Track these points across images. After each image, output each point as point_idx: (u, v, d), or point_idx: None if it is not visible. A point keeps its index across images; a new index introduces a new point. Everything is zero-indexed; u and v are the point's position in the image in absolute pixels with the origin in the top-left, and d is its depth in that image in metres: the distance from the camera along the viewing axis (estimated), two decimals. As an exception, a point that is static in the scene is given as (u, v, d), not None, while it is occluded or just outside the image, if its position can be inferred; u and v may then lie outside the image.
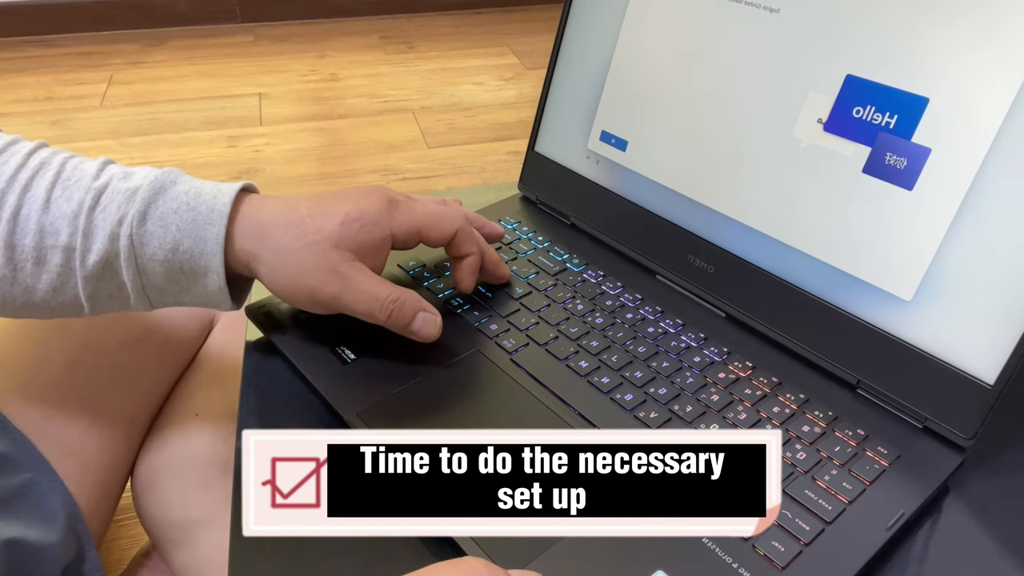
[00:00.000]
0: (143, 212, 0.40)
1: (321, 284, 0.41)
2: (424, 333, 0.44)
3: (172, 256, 0.40)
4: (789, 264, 0.46)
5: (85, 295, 0.41)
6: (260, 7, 2.48)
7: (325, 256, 0.41)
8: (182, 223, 0.40)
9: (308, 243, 0.41)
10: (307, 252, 0.41)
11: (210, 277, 0.41)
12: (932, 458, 0.39)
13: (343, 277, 0.41)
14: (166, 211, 0.40)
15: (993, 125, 0.37)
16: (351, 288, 0.42)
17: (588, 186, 0.56)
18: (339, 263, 0.41)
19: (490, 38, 2.47)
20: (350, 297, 0.42)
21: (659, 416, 0.41)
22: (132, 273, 0.40)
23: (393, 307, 0.42)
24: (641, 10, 0.52)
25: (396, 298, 0.43)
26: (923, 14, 0.39)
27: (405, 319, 0.43)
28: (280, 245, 0.41)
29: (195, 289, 0.42)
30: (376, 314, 0.42)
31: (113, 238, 0.39)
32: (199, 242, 0.40)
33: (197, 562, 0.56)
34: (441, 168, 1.79)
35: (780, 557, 0.34)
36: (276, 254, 0.41)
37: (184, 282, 0.41)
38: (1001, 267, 0.38)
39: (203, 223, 0.40)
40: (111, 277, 0.40)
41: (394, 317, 0.43)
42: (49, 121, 1.91)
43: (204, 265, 0.41)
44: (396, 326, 0.43)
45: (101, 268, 0.40)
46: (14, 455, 0.49)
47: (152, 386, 0.61)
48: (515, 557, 0.34)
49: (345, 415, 0.41)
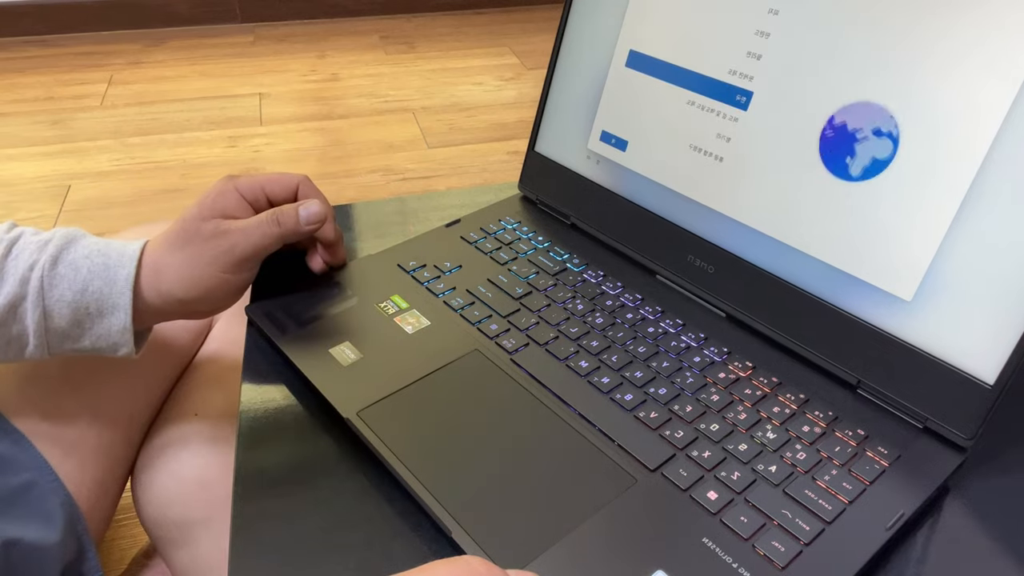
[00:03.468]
0: (55, 257, 0.43)
1: (213, 250, 0.45)
2: (314, 216, 0.47)
3: (80, 297, 0.43)
4: (789, 264, 0.46)
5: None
6: (260, 7, 2.48)
7: (200, 233, 0.45)
8: (93, 266, 0.44)
9: (187, 237, 0.45)
10: (190, 243, 0.45)
11: (116, 316, 0.44)
12: (932, 458, 0.39)
13: (223, 232, 0.45)
14: (77, 256, 0.44)
15: (993, 125, 0.37)
16: (235, 233, 0.45)
17: (588, 186, 0.56)
18: (214, 228, 0.45)
19: (490, 38, 2.47)
20: (239, 238, 0.45)
21: (659, 416, 0.41)
22: (38, 315, 0.43)
23: (276, 215, 0.46)
24: (641, 10, 0.52)
25: (273, 210, 0.47)
26: (923, 15, 0.39)
27: (291, 217, 0.47)
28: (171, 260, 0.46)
29: (98, 330, 0.45)
30: (267, 231, 0.46)
31: (23, 281, 0.43)
32: (109, 283, 0.44)
33: (197, 562, 0.56)
34: (441, 168, 1.79)
35: (780, 557, 0.34)
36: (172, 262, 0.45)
37: (88, 323, 0.44)
38: (1001, 267, 0.38)
39: (114, 266, 0.44)
40: (13, 323, 0.43)
41: (284, 224, 0.46)
42: (49, 121, 1.91)
43: (112, 304, 0.44)
44: (289, 226, 0.46)
45: (5, 312, 0.43)
46: (14, 455, 0.49)
47: (151, 386, 0.61)
48: (515, 557, 0.34)
49: (345, 414, 0.41)
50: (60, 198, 1.62)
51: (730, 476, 0.38)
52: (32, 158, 1.76)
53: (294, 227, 0.47)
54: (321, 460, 0.41)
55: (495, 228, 0.57)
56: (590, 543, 0.35)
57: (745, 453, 0.39)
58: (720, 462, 0.39)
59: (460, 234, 0.57)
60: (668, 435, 0.40)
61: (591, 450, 0.39)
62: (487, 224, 0.58)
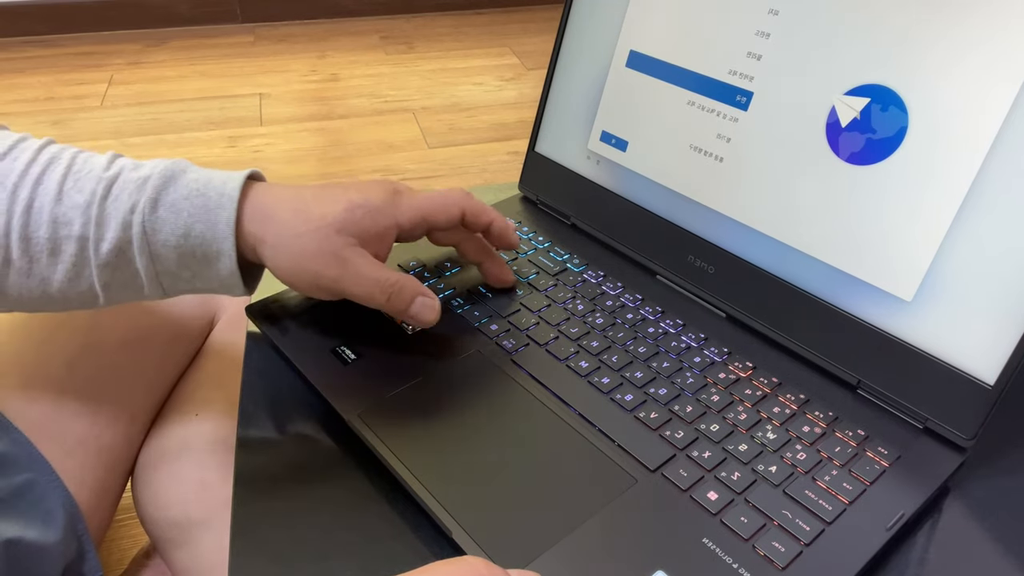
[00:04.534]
0: (154, 199, 0.40)
1: (323, 267, 0.42)
2: (422, 317, 0.44)
3: (184, 241, 0.41)
4: (789, 264, 0.46)
5: (100, 284, 0.41)
6: (260, 7, 2.49)
7: (328, 240, 0.42)
8: (193, 209, 0.41)
9: (312, 228, 0.42)
10: (310, 236, 0.42)
11: (222, 261, 0.42)
12: (932, 458, 0.39)
13: (344, 261, 0.42)
14: (177, 198, 0.41)
15: (993, 126, 0.37)
16: (351, 272, 0.42)
17: (588, 186, 0.56)
18: (341, 247, 0.42)
19: (490, 38, 2.47)
20: (350, 280, 0.42)
21: (659, 416, 0.41)
22: (145, 260, 0.41)
23: (392, 290, 0.43)
24: (641, 10, 0.52)
25: (395, 282, 0.43)
26: (922, 16, 0.39)
27: (403, 303, 0.44)
28: (285, 229, 0.42)
29: (207, 274, 0.42)
30: (375, 297, 0.43)
31: (126, 226, 0.40)
32: (210, 227, 0.41)
33: (197, 562, 0.56)
34: (442, 168, 1.79)
35: (780, 557, 0.34)
36: (281, 237, 0.42)
37: (196, 267, 0.42)
38: (1001, 267, 0.38)
39: (214, 208, 0.41)
40: (125, 265, 0.41)
41: (393, 300, 0.43)
42: (50, 121, 1.91)
43: (216, 249, 0.41)
44: (395, 310, 0.44)
45: (115, 256, 0.40)
46: (14, 455, 0.49)
47: (152, 386, 0.61)
48: (515, 557, 0.34)
49: (345, 415, 0.41)
50: (60, 198, 1.62)
51: (730, 476, 0.38)
52: (32, 158, 1.75)
53: (399, 311, 0.44)
54: (321, 461, 0.41)
55: (495, 228, 0.57)
56: (590, 543, 0.35)
57: (745, 453, 0.39)
58: (720, 462, 0.39)
59: (460, 234, 0.57)
60: (668, 435, 0.40)
61: (591, 450, 0.39)
62: (487, 224, 0.58)
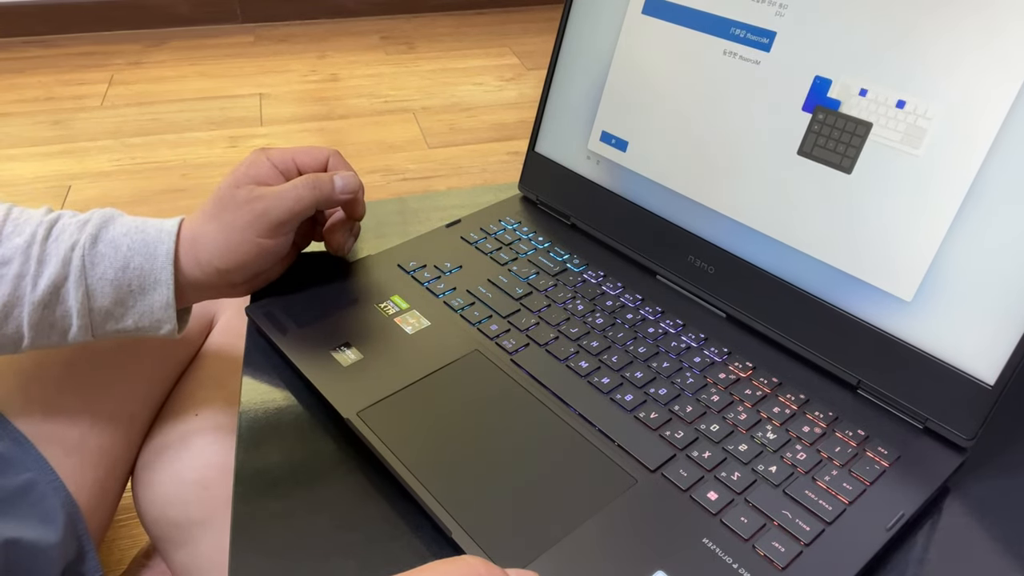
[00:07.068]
0: (95, 236, 0.44)
1: (247, 216, 0.45)
2: (350, 186, 0.47)
3: (122, 275, 0.44)
4: (789, 264, 0.46)
5: (28, 324, 0.43)
6: (260, 7, 2.48)
7: (235, 199, 0.45)
8: (132, 243, 0.44)
9: (222, 205, 0.46)
10: (225, 208, 0.45)
11: (159, 291, 0.44)
12: (932, 459, 0.39)
13: (258, 197, 0.45)
14: (116, 235, 0.44)
15: (993, 126, 0.37)
16: (270, 198, 0.45)
17: (588, 187, 0.56)
18: (248, 193, 0.45)
19: (490, 38, 2.47)
20: (273, 202, 0.45)
21: (659, 416, 0.41)
22: (81, 295, 0.43)
23: (312, 180, 0.46)
24: (641, 10, 0.52)
25: (309, 175, 0.47)
26: (922, 17, 0.39)
27: (327, 184, 0.47)
28: (207, 229, 0.46)
29: (141, 307, 0.45)
30: (303, 195, 0.46)
31: (65, 262, 0.43)
32: (149, 259, 0.44)
33: (197, 562, 0.56)
34: (442, 168, 1.79)
35: (780, 557, 0.34)
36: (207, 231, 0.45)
37: (131, 301, 0.44)
38: (1001, 267, 0.38)
39: (152, 242, 0.44)
40: (57, 304, 0.43)
41: (319, 188, 0.46)
42: (50, 121, 1.91)
43: (154, 280, 0.44)
44: (324, 193, 0.47)
45: (50, 294, 0.43)
46: (14, 455, 0.49)
47: (152, 386, 0.61)
48: (515, 557, 0.34)
49: (345, 415, 0.41)
50: (60, 198, 1.62)
51: (730, 476, 0.38)
52: (32, 158, 1.76)
53: (329, 193, 0.47)
54: (321, 460, 0.41)
55: (495, 228, 0.57)
56: (590, 543, 0.35)
57: (745, 453, 0.39)
58: (720, 462, 0.39)
59: (460, 234, 0.57)
60: (668, 435, 0.40)
61: (591, 450, 0.39)
62: (487, 224, 0.58)
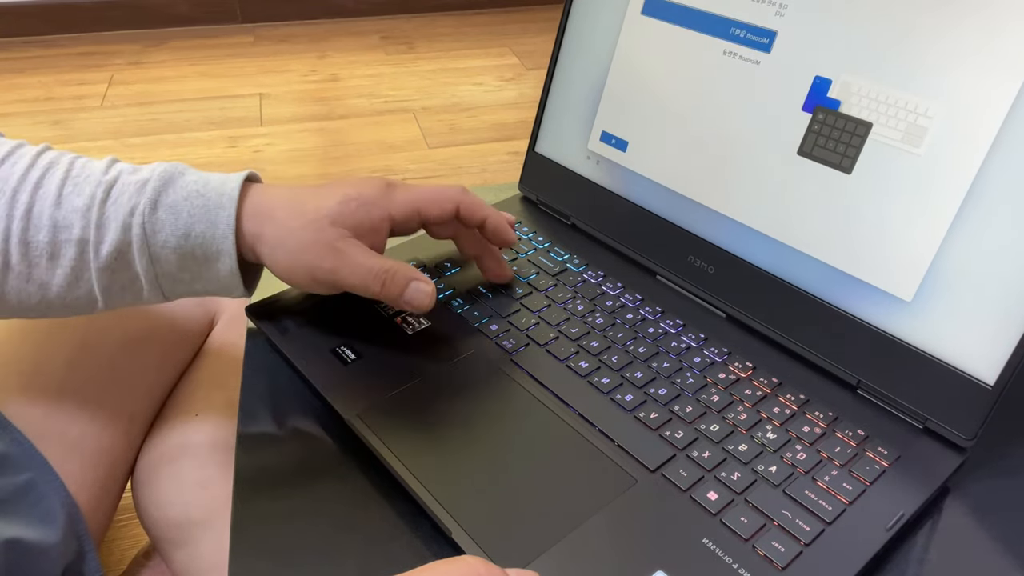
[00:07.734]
0: (154, 201, 0.41)
1: (319, 259, 0.42)
2: (417, 302, 0.44)
3: (184, 242, 0.41)
4: (789, 264, 0.46)
5: (99, 288, 0.41)
6: (260, 7, 2.49)
7: (323, 232, 0.42)
8: (193, 209, 0.41)
9: (307, 221, 0.42)
10: (306, 230, 0.42)
11: (222, 261, 0.42)
12: (932, 459, 0.39)
13: (339, 252, 0.43)
14: (176, 199, 0.41)
15: (993, 126, 0.37)
16: (346, 262, 0.43)
17: (588, 186, 0.56)
18: (336, 239, 0.43)
19: (490, 38, 2.47)
20: (346, 270, 0.43)
21: (659, 416, 0.41)
22: (145, 262, 0.41)
23: (386, 276, 0.43)
24: (641, 10, 0.52)
25: (388, 268, 0.44)
26: (922, 17, 0.39)
27: (398, 288, 0.44)
28: (282, 225, 0.43)
29: (207, 275, 0.43)
30: (370, 285, 0.43)
31: (126, 228, 0.40)
32: (210, 226, 0.41)
33: (197, 562, 0.56)
34: (442, 168, 1.79)
35: (780, 557, 0.34)
36: (278, 233, 0.42)
37: (196, 268, 0.42)
38: (1001, 267, 0.38)
39: (213, 208, 0.41)
40: (124, 268, 0.41)
41: (387, 287, 0.43)
42: (50, 121, 1.91)
43: (216, 249, 0.42)
44: (390, 296, 0.44)
45: (114, 259, 0.41)
46: (14, 455, 0.49)
47: (152, 386, 0.61)
48: (515, 557, 0.34)
49: (345, 415, 0.41)
50: (60, 198, 1.62)
51: (730, 476, 0.38)
52: (32, 158, 1.75)
53: (394, 299, 0.44)
54: (321, 461, 0.41)
55: (495, 228, 0.57)
56: (590, 543, 0.35)
57: (745, 453, 0.39)
58: (720, 462, 0.39)
59: (460, 234, 0.57)
60: (668, 435, 0.40)
61: (591, 450, 0.39)
62: (487, 224, 0.58)
